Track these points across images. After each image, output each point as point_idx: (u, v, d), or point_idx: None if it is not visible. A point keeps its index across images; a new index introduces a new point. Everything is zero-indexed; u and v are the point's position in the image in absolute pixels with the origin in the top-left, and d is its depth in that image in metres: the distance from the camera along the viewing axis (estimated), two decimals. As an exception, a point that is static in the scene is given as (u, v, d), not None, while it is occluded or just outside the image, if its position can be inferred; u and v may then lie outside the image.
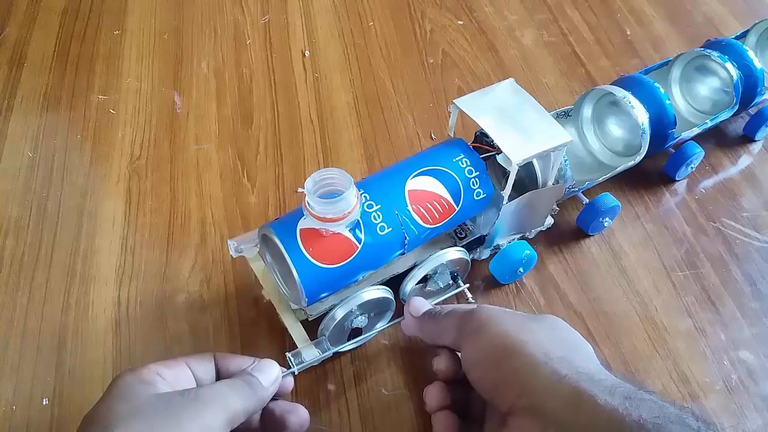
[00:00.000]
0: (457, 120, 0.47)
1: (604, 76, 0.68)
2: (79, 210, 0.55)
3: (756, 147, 0.63)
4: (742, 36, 0.63)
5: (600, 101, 0.57)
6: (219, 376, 0.38)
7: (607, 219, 0.54)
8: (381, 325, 0.46)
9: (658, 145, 0.54)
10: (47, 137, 0.60)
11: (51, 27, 0.70)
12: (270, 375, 0.37)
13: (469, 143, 0.46)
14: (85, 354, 0.46)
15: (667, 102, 0.53)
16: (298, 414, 0.39)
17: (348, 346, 0.46)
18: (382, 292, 0.44)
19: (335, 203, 0.38)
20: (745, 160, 0.61)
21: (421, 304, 0.43)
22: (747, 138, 0.63)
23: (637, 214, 0.57)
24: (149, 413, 0.32)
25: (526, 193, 0.45)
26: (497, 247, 0.50)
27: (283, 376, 0.39)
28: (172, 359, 0.37)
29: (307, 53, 0.69)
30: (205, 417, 0.32)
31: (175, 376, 0.35)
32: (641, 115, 0.52)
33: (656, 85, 0.54)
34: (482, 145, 0.47)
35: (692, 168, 0.59)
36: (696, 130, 0.56)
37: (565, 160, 0.49)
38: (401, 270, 0.46)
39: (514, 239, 0.51)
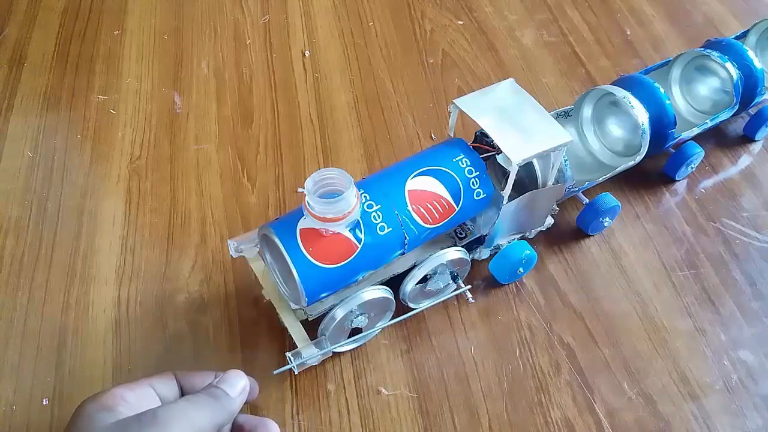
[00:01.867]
0: (457, 120, 0.47)
1: (604, 76, 0.68)
2: (79, 210, 0.55)
3: (756, 147, 0.63)
4: (742, 36, 0.63)
5: (600, 101, 0.57)
6: (184, 394, 0.37)
7: (607, 219, 0.54)
8: (381, 324, 0.46)
9: (658, 145, 0.54)
10: (47, 137, 0.60)
11: (51, 27, 0.70)
12: (236, 385, 0.36)
13: (469, 143, 0.46)
14: (85, 354, 0.46)
15: (667, 102, 0.53)
16: (267, 428, 0.38)
17: (348, 345, 0.46)
18: (382, 292, 0.44)
19: (335, 203, 0.38)
20: (745, 160, 0.61)
21: None
22: (747, 138, 0.63)
23: (637, 214, 0.57)
24: None
25: (526, 193, 0.45)
26: (497, 247, 0.50)
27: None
28: (135, 381, 0.36)
29: (307, 53, 0.69)
30: None
31: (139, 398, 0.34)
32: (641, 115, 0.52)
33: (656, 85, 0.54)
34: (482, 145, 0.47)
35: (692, 168, 0.59)
36: (696, 130, 0.56)
37: (565, 160, 0.49)
38: (401, 270, 0.46)
39: (514, 239, 0.51)
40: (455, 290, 0.48)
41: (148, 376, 0.37)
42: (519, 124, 0.44)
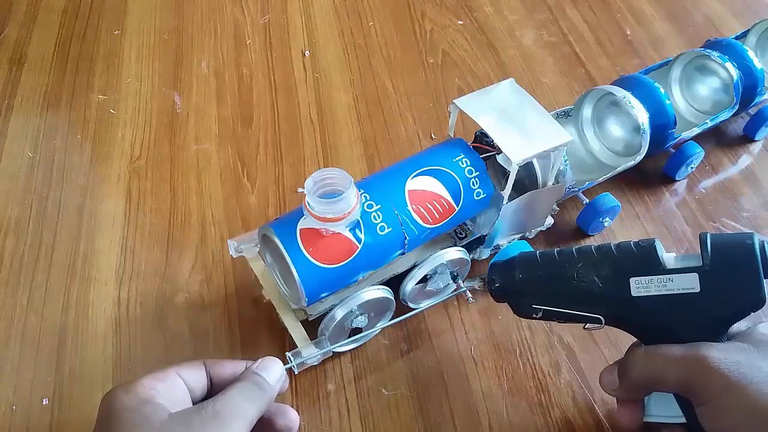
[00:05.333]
0: (457, 120, 0.47)
1: (604, 76, 0.68)
2: (79, 210, 0.55)
3: (756, 147, 0.63)
4: (742, 36, 0.63)
5: (600, 101, 0.57)
6: (212, 382, 0.36)
7: (607, 219, 0.54)
8: (381, 324, 0.46)
9: (658, 145, 0.54)
10: (47, 137, 0.60)
11: (51, 27, 0.70)
12: (275, 373, 0.36)
13: (469, 143, 0.46)
14: (85, 354, 0.46)
15: (667, 102, 0.53)
16: (286, 416, 0.37)
17: (348, 345, 0.46)
18: (382, 292, 0.44)
19: (335, 203, 0.38)
20: (745, 160, 0.61)
21: (609, 380, 0.39)
22: (747, 138, 0.63)
23: (637, 214, 0.57)
24: None
25: (526, 193, 0.45)
26: (497, 247, 0.50)
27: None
28: (162, 370, 0.34)
29: (307, 53, 0.69)
30: None
31: (169, 389, 0.33)
32: (641, 115, 0.52)
33: (656, 85, 0.54)
34: (482, 145, 0.47)
35: (692, 168, 0.59)
36: (696, 130, 0.56)
37: (565, 160, 0.49)
38: (401, 270, 0.46)
39: (514, 239, 0.51)
40: (455, 290, 0.48)
41: (177, 364, 0.35)
42: (519, 124, 0.44)
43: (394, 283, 0.46)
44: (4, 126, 0.61)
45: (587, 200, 0.53)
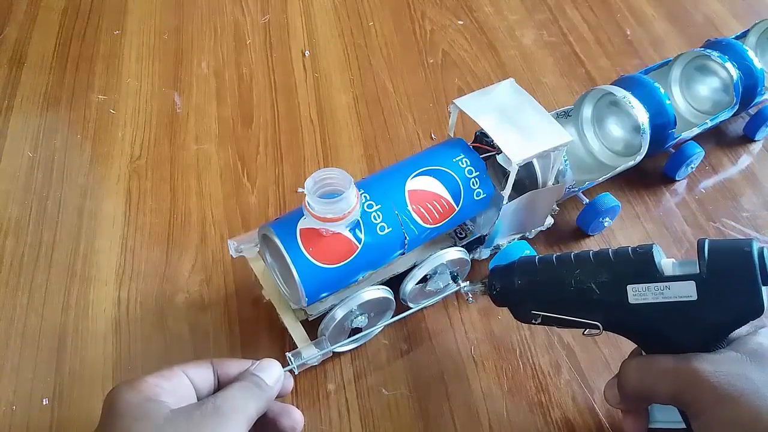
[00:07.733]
0: (457, 120, 0.47)
1: (604, 76, 0.68)
2: (79, 210, 0.55)
3: (756, 147, 0.63)
4: (742, 36, 0.63)
5: (600, 101, 0.57)
6: (219, 382, 0.36)
7: (607, 219, 0.54)
8: (381, 324, 0.46)
9: (658, 145, 0.54)
10: (47, 137, 0.60)
11: (51, 27, 0.70)
12: (273, 374, 0.36)
13: (469, 143, 0.46)
14: (85, 354, 0.46)
15: (667, 102, 0.53)
16: (290, 416, 0.37)
17: (348, 345, 0.46)
18: (382, 292, 0.44)
19: (335, 203, 0.38)
20: (745, 160, 0.61)
21: (612, 395, 0.39)
22: (747, 138, 0.63)
23: (637, 214, 0.57)
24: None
25: (526, 193, 0.45)
26: (497, 247, 0.50)
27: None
28: (168, 369, 0.34)
29: (307, 53, 0.69)
30: (228, 429, 0.32)
31: (174, 386, 0.33)
32: (641, 115, 0.52)
33: (656, 85, 0.54)
34: (482, 145, 0.47)
35: (692, 168, 0.59)
36: (696, 130, 0.56)
37: (565, 160, 0.49)
38: (401, 270, 0.46)
39: (514, 239, 0.51)
40: (455, 290, 0.48)
41: (184, 363, 0.35)
42: (519, 124, 0.44)
43: (394, 283, 0.46)
44: (4, 126, 0.61)
45: (587, 200, 0.53)
